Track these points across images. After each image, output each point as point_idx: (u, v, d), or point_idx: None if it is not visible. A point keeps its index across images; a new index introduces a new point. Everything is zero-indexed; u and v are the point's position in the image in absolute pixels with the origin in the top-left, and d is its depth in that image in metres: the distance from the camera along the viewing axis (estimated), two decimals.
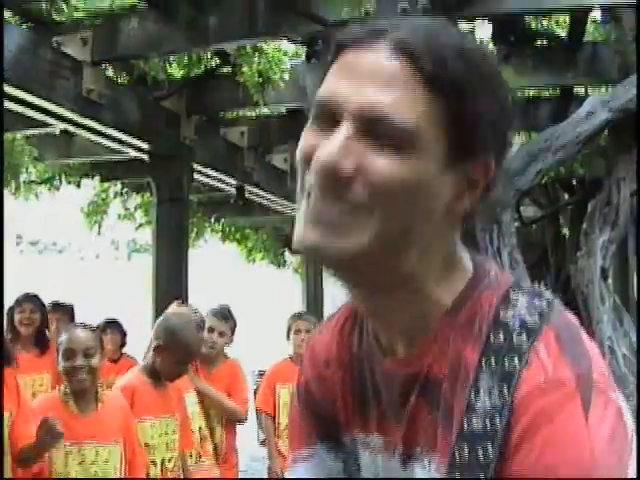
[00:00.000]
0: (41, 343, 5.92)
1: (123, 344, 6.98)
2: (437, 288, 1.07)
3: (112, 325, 6.99)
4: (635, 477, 0.93)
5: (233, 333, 5.40)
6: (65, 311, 6.57)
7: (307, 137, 1.02)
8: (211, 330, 5.09)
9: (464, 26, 6.48)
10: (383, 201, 0.95)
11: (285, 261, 16.84)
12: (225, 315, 5.34)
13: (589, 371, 0.96)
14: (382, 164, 0.95)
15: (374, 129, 0.95)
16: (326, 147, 0.96)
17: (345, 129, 0.97)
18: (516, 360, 0.97)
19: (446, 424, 1.02)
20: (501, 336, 1.01)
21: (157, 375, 4.18)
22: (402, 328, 1.10)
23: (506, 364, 0.98)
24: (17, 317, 5.74)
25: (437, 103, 0.97)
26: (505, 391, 0.96)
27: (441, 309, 1.07)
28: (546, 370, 0.95)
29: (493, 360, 0.99)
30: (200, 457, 4.49)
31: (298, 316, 5.69)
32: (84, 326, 4.01)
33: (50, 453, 3.60)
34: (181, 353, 4.13)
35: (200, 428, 4.59)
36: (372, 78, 0.97)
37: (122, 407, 3.92)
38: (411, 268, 1.03)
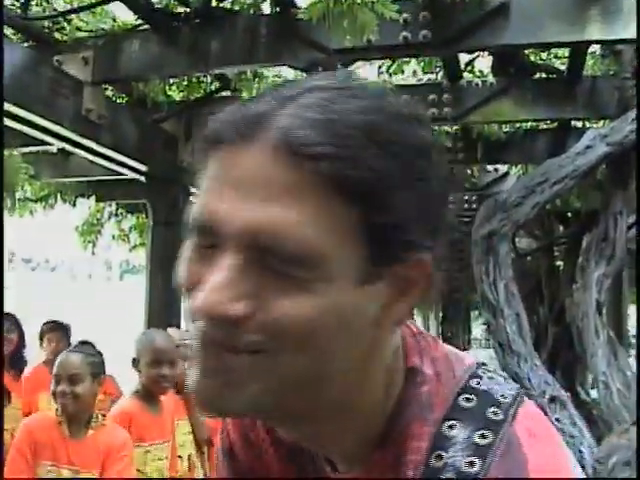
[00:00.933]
0: (19, 365, 5.87)
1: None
2: (376, 410, 0.88)
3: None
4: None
5: None
6: (63, 330, 6.54)
7: (190, 261, 0.80)
8: None
9: (464, 57, 6.52)
10: (285, 345, 0.75)
11: None
12: None
13: None
14: (281, 304, 0.74)
15: (267, 256, 0.74)
16: (207, 288, 0.74)
17: (229, 260, 0.75)
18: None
19: None
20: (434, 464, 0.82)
21: (149, 397, 4.16)
22: (340, 453, 0.92)
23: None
24: None
25: (346, 211, 0.74)
26: None
27: (372, 431, 0.88)
28: None
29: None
30: None
31: None
32: (80, 351, 3.97)
33: (34, 473, 3.57)
34: (152, 353, 4.17)
35: (190, 456, 4.54)
36: (256, 188, 0.74)
37: (113, 442, 3.78)
38: (341, 395, 0.83)
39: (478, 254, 5.00)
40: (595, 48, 6.33)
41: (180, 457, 4.40)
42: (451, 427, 0.83)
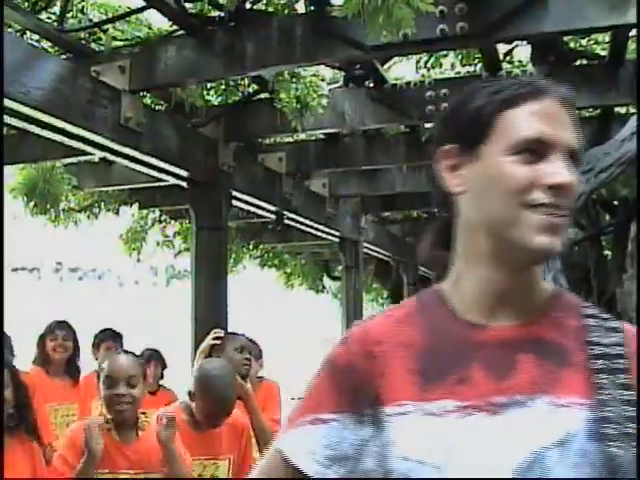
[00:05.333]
0: (73, 372, 5.92)
1: (162, 376, 6.96)
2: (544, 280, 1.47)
3: (155, 355, 6.97)
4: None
5: (259, 358, 5.51)
6: (118, 338, 6.58)
7: (520, 169, 1.33)
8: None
9: (502, 48, 6.43)
10: (573, 207, 1.34)
11: (324, 286, 16.77)
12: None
13: None
14: (576, 181, 1.32)
15: (570, 158, 1.33)
16: (561, 171, 1.30)
17: (562, 158, 1.31)
18: (616, 323, 1.38)
19: (569, 367, 1.32)
20: (600, 315, 1.41)
21: (195, 418, 4.10)
22: (517, 304, 1.39)
23: (610, 324, 1.37)
24: (50, 344, 5.74)
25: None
26: (617, 338, 1.34)
27: (543, 294, 1.42)
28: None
29: (601, 322, 1.38)
30: None
31: None
32: (126, 352, 3.94)
33: None
34: (212, 406, 4.03)
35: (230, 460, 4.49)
36: (564, 124, 1.35)
37: None
38: None
39: None
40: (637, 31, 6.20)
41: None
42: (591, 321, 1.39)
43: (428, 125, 7.44)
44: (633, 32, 5.94)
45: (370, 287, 18.20)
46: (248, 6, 5.24)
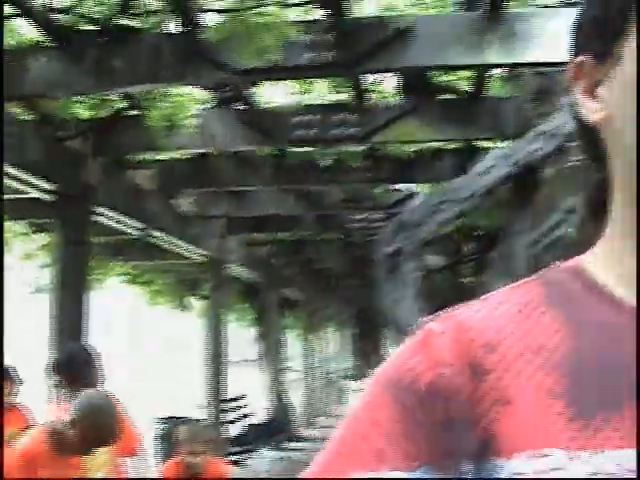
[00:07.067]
0: None
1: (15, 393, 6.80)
2: None
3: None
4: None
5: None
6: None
7: None
8: None
9: (369, 78, 6.58)
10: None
11: (189, 305, 16.71)
12: None
13: None
14: None
15: None
16: None
17: None
18: None
19: None
20: None
21: (65, 442, 4.03)
22: None
23: None
24: None
25: None
26: None
27: None
28: None
29: None
30: None
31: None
32: None
33: None
34: (93, 431, 3.94)
35: None
36: None
37: None
38: None
39: (383, 272, 5.06)
40: (499, 70, 6.45)
41: None
42: None
43: (297, 150, 7.55)
44: (493, 71, 6.20)
45: (235, 307, 18.20)
46: (120, 22, 5.22)
